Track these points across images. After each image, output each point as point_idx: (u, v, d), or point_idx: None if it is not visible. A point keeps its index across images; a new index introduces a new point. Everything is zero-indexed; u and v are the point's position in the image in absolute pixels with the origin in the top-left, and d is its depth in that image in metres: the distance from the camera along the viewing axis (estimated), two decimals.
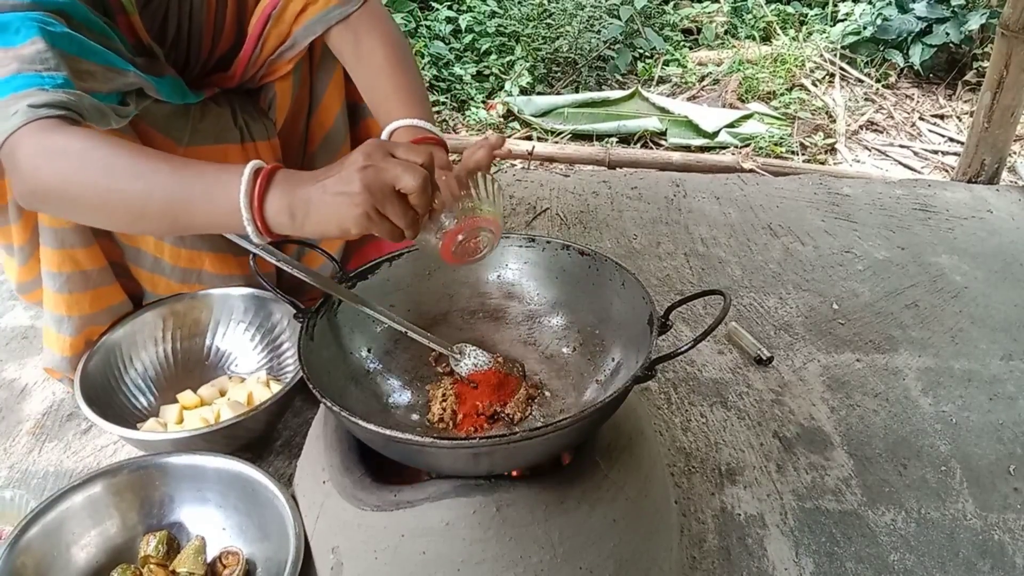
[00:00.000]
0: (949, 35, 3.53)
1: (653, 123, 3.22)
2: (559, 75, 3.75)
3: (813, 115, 3.40)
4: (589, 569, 0.95)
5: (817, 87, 3.63)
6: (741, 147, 3.10)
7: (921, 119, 3.39)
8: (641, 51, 3.97)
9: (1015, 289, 1.86)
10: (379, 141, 0.86)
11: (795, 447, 1.40)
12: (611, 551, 0.96)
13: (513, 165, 2.87)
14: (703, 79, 3.76)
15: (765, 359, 1.58)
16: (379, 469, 1.02)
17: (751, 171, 2.71)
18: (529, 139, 3.16)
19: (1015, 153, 3.01)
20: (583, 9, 3.89)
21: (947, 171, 2.91)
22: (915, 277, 1.90)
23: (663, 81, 3.80)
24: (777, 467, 1.35)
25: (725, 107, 3.47)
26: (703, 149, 3.11)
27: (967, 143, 2.48)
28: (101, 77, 1.03)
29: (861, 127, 3.32)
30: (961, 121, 3.34)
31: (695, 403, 1.49)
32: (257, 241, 0.88)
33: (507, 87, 3.50)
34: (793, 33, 4.15)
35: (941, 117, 3.41)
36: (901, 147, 3.18)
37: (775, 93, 3.57)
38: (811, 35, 4.09)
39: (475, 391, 1.08)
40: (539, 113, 3.34)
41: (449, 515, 0.92)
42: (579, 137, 3.22)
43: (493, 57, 3.70)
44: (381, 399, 1.10)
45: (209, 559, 1.08)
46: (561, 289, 1.18)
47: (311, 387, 0.93)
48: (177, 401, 1.32)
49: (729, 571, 1.17)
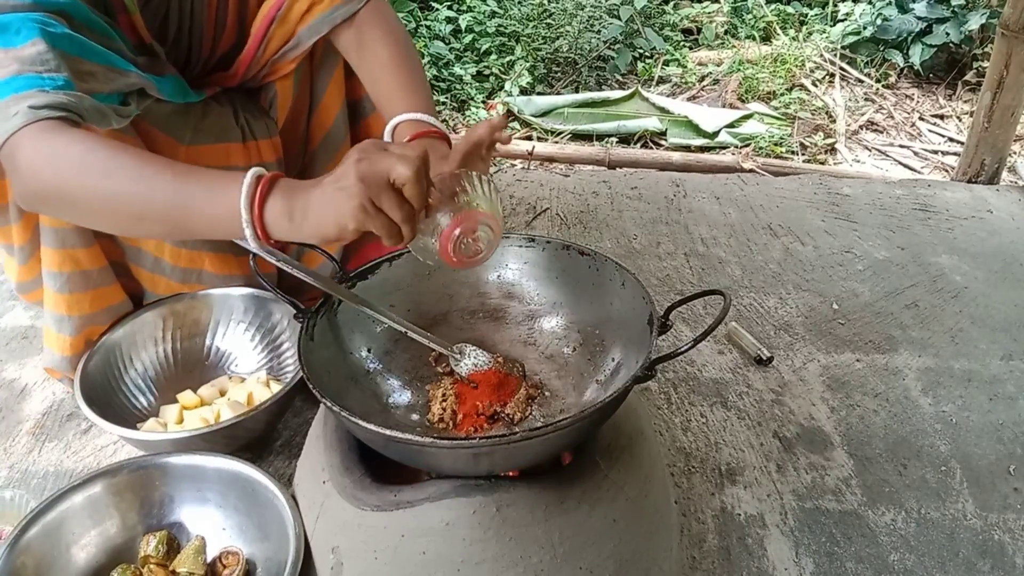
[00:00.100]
0: (949, 35, 3.53)
1: (653, 123, 3.22)
2: (559, 75, 3.75)
3: (813, 115, 3.40)
4: (589, 569, 0.95)
5: (817, 87, 3.63)
6: (741, 147, 3.10)
7: (921, 119, 3.39)
8: (641, 51, 3.97)
9: (1015, 289, 1.86)
10: (374, 140, 0.87)
11: (795, 447, 1.40)
12: (611, 551, 0.96)
13: (513, 165, 2.87)
14: (703, 79, 3.76)
15: (765, 359, 1.58)
16: (379, 469, 1.02)
17: (751, 171, 2.71)
18: (529, 139, 3.16)
19: (1015, 153, 3.01)
20: (583, 9, 3.89)
21: (947, 171, 2.91)
22: (915, 277, 1.90)
23: (663, 81, 3.80)
24: (777, 467, 1.35)
25: (725, 107, 3.47)
26: (703, 149, 3.11)
27: (967, 143, 2.48)
28: (102, 78, 1.03)
29: (861, 127, 3.32)
30: (961, 121, 3.34)
31: (695, 403, 1.49)
32: (255, 247, 0.88)
33: (507, 87, 3.50)
34: (793, 33, 4.15)
35: (941, 117, 3.41)
36: (901, 147, 3.18)
37: (775, 93, 3.57)
38: (811, 35, 4.09)
39: (475, 391, 1.08)
40: (539, 113, 3.34)
41: (449, 515, 0.92)
42: (579, 137, 3.22)
43: (493, 57, 3.70)
44: (381, 399, 1.10)
45: (209, 559, 1.08)
46: (561, 289, 1.18)
47: (311, 387, 0.93)
48: (177, 401, 1.32)
49: (729, 571, 1.17)
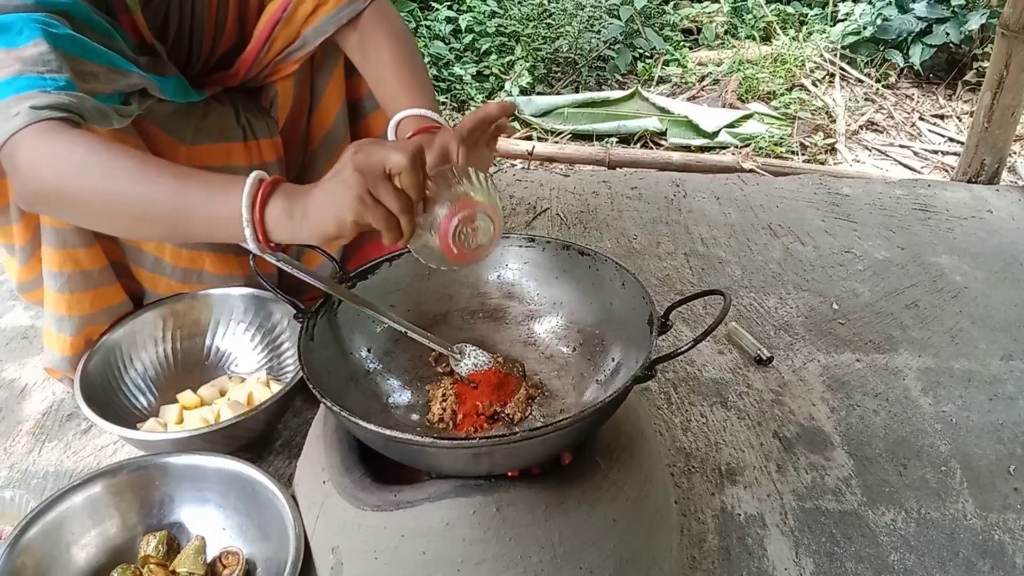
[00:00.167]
0: (949, 35, 3.53)
1: (653, 123, 3.22)
2: (559, 75, 3.75)
3: (813, 115, 3.40)
4: (589, 569, 0.95)
5: (817, 87, 3.63)
6: (741, 147, 3.10)
7: (921, 119, 3.39)
8: (641, 51, 3.97)
9: (1015, 289, 1.86)
10: (372, 138, 0.87)
11: (795, 447, 1.40)
12: (611, 551, 0.96)
13: (513, 165, 2.87)
14: (703, 79, 3.76)
15: (765, 359, 1.58)
16: (379, 469, 1.02)
17: (751, 171, 2.71)
18: (529, 139, 3.16)
19: (1015, 153, 3.01)
20: (583, 9, 3.89)
21: (947, 171, 2.91)
22: (915, 277, 1.90)
23: (663, 81, 3.80)
24: (777, 467, 1.35)
25: (725, 107, 3.47)
26: (703, 149, 3.11)
27: (967, 143, 2.48)
28: (104, 78, 1.03)
29: (861, 127, 3.32)
30: (961, 121, 3.34)
31: (695, 403, 1.49)
32: (255, 248, 0.88)
33: (507, 87, 3.50)
34: (793, 33, 4.15)
35: (941, 117, 3.41)
36: (901, 147, 3.18)
37: (775, 93, 3.57)
38: (811, 35, 4.09)
39: (475, 391, 1.08)
40: (539, 113, 3.34)
41: (449, 515, 0.92)
42: (579, 137, 3.22)
43: (493, 57, 3.70)
44: (381, 399, 1.10)
45: (209, 559, 1.08)
46: (561, 289, 1.18)
47: (311, 387, 0.93)
48: (177, 401, 1.32)
49: (729, 571, 1.17)
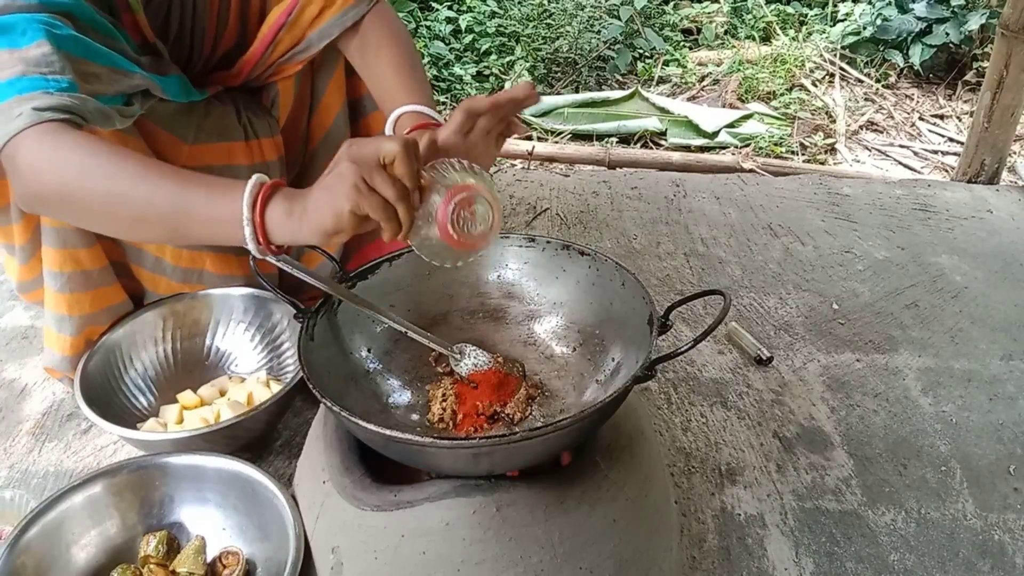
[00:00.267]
0: (949, 35, 3.53)
1: (653, 123, 3.21)
2: (559, 75, 3.75)
3: (813, 115, 3.40)
4: (589, 569, 0.95)
5: (817, 87, 3.63)
6: (741, 147, 3.10)
7: (921, 119, 3.39)
8: (641, 51, 3.97)
9: (1015, 289, 1.86)
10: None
11: (795, 447, 1.40)
12: (611, 551, 0.96)
13: (513, 165, 2.87)
14: (703, 79, 3.76)
15: (765, 359, 1.58)
16: (379, 469, 1.02)
17: (751, 171, 2.71)
18: (529, 139, 3.16)
19: (1015, 153, 3.01)
20: (583, 9, 3.89)
21: (947, 171, 2.91)
22: (915, 277, 1.90)
23: (663, 81, 3.80)
24: (777, 467, 1.35)
25: (725, 107, 3.47)
26: (703, 149, 3.11)
27: (967, 143, 2.48)
28: (107, 79, 1.03)
29: (861, 127, 3.32)
30: (961, 121, 3.34)
31: (695, 403, 1.49)
32: (254, 250, 0.88)
33: (507, 87, 3.49)
34: (793, 33, 4.15)
35: (941, 117, 3.41)
36: (901, 147, 3.18)
37: (775, 93, 3.57)
38: (811, 35, 4.09)
39: (475, 391, 1.08)
40: (539, 113, 3.34)
41: (449, 515, 0.92)
42: (579, 137, 3.22)
43: (493, 57, 3.70)
44: (381, 399, 1.10)
45: (209, 559, 1.08)
46: (561, 289, 1.18)
47: (311, 387, 0.93)
48: (177, 401, 1.32)
49: (729, 571, 1.17)
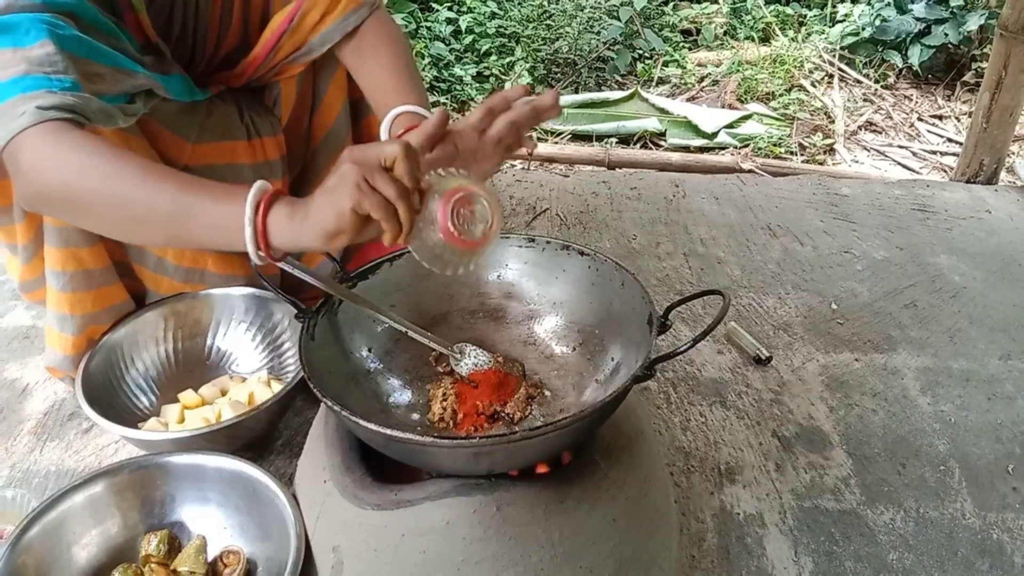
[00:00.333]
0: (948, 36, 3.54)
1: (652, 124, 3.22)
2: (559, 76, 3.75)
3: (812, 116, 3.40)
4: (589, 568, 0.95)
5: (816, 88, 3.63)
6: (740, 148, 3.10)
7: (920, 120, 3.39)
8: (640, 52, 3.97)
9: (1013, 289, 1.87)
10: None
11: (794, 446, 1.40)
12: (611, 550, 0.97)
13: (513, 165, 2.87)
14: (702, 80, 3.77)
15: (764, 359, 1.59)
16: (379, 468, 1.02)
17: (750, 171, 2.72)
18: (529, 139, 3.16)
19: (1013, 153, 3.01)
20: (583, 10, 3.89)
21: (946, 171, 2.91)
22: (914, 277, 1.91)
23: (662, 82, 3.81)
24: (776, 466, 1.36)
25: (724, 108, 3.47)
26: (702, 150, 3.11)
27: (965, 143, 2.49)
28: (110, 79, 1.03)
29: (860, 128, 3.33)
30: (960, 121, 3.34)
31: (694, 403, 1.49)
32: (254, 254, 0.88)
33: (507, 88, 3.50)
34: (792, 34, 4.15)
35: (940, 118, 3.41)
36: (900, 147, 3.18)
37: (774, 94, 3.57)
38: (810, 36, 4.10)
39: (475, 391, 1.08)
40: None
41: (449, 514, 0.93)
42: (579, 137, 3.22)
43: (493, 58, 3.70)
44: (381, 399, 1.11)
45: (210, 558, 1.08)
46: (561, 289, 1.18)
47: (312, 386, 0.93)
48: (178, 400, 1.33)
49: (728, 570, 1.17)
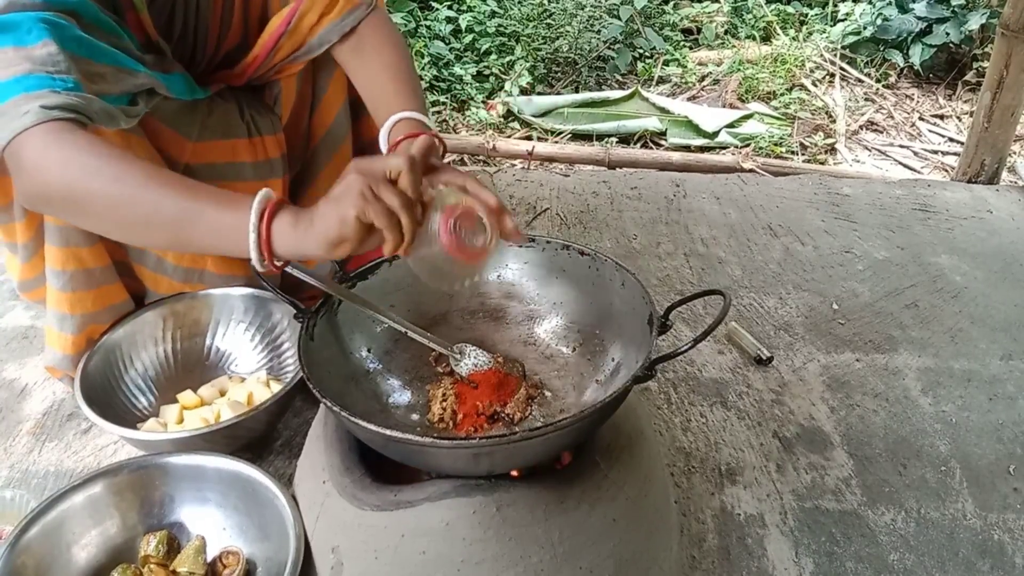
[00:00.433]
0: (949, 35, 3.53)
1: (653, 123, 3.21)
2: (559, 75, 3.75)
3: (813, 115, 3.40)
4: (589, 569, 0.95)
5: (817, 87, 3.63)
6: (741, 147, 3.10)
7: (921, 119, 3.38)
8: (641, 51, 3.97)
9: (1015, 289, 1.86)
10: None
11: (795, 447, 1.40)
12: (611, 551, 0.97)
13: (513, 165, 2.87)
14: (703, 79, 3.76)
15: (765, 359, 1.58)
16: (379, 469, 1.02)
17: (751, 171, 2.71)
18: (529, 139, 3.16)
19: (1015, 153, 3.01)
20: (583, 9, 3.88)
21: (947, 171, 2.90)
22: (915, 277, 1.90)
23: (663, 81, 3.80)
24: (777, 467, 1.35)
25: (725, 107, 3.47)
26: (703, 149, 3.11)
27: (967, 143, 2.48)
28: (111, 79, 1.03)
29: (861, 127, 3.32)
30: (961, 121, 3.34)
31: (695, 403, 1.49)
32: (256, 260, 0.88)
33: (507, 87, 3.49)
34: (793, 33, 4.15)
35: (941, 117, 3.41)
36: (901, 147, 3.18)
37: (775, 93, 3.57)
38: (811, 35, 4.09)
39: (475, 391, 1.08)
40: (539, 113, 3.34)
41: (449, 515, 0.93)
42: (579, 137, 3.22)
43: (493, 57, 3.69)
44: (381, 399, 1.10)
45: (209, 559, 1.08)
46: (561, 289, 1.18)
47: (311, 387, 0.93)
48: (177, 401, 1.33)
49: (729, 571, 1.17)
